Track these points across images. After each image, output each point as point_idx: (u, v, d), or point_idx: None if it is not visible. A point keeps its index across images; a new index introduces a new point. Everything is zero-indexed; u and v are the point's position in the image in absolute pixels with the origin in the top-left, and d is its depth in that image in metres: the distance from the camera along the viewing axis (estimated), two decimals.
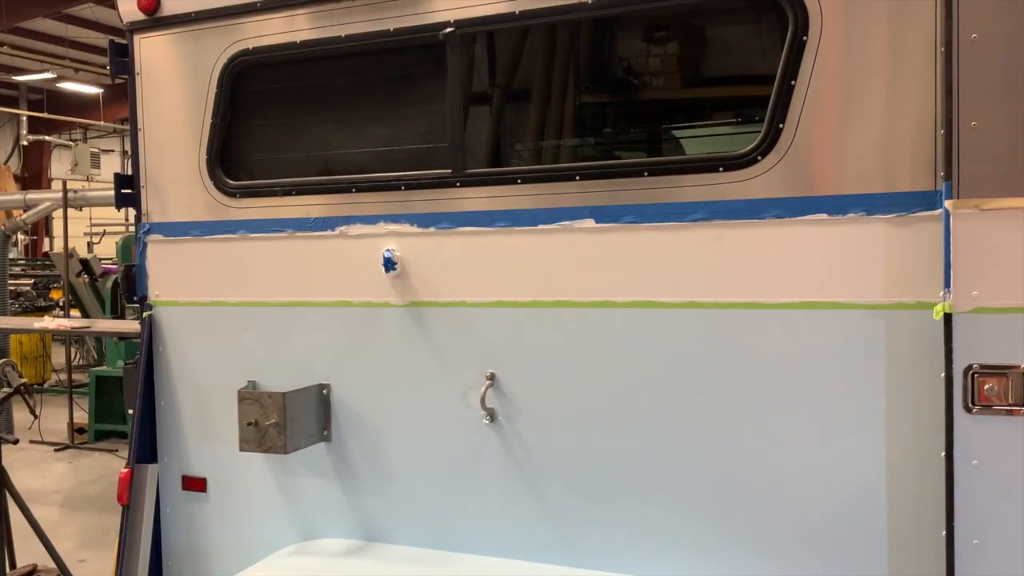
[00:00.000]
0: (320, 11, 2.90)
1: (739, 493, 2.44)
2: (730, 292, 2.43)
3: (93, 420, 9.32)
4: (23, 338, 11.79)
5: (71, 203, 11.71)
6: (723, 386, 2.45)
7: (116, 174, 3.40)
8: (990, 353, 2.10)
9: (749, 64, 3.03)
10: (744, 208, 2.40)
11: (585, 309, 2.60)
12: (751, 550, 2.43)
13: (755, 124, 2.52)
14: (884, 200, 2.25)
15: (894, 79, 2.24)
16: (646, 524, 2.55)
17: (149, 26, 3.22)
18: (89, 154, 17.00)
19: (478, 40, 2.91)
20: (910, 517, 2.25)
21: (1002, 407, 2.09)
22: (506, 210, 2.68)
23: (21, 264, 16.51)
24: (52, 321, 7.78)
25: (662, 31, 3.03)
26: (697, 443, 2.48)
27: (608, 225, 2.55)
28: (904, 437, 2.25)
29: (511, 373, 2.70)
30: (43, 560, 5.08)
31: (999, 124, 2.09)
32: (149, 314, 3.26)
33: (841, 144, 2.32)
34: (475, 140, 2.95)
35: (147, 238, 3.27)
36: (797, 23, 2.31)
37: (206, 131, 3.12)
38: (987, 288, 2.09)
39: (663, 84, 3.09)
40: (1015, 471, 2.09)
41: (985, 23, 2.09)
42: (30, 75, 20.26)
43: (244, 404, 2.88)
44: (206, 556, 3.23)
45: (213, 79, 3.09)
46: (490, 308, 2.71)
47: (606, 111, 3.35)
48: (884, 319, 2.27)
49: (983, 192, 2.10)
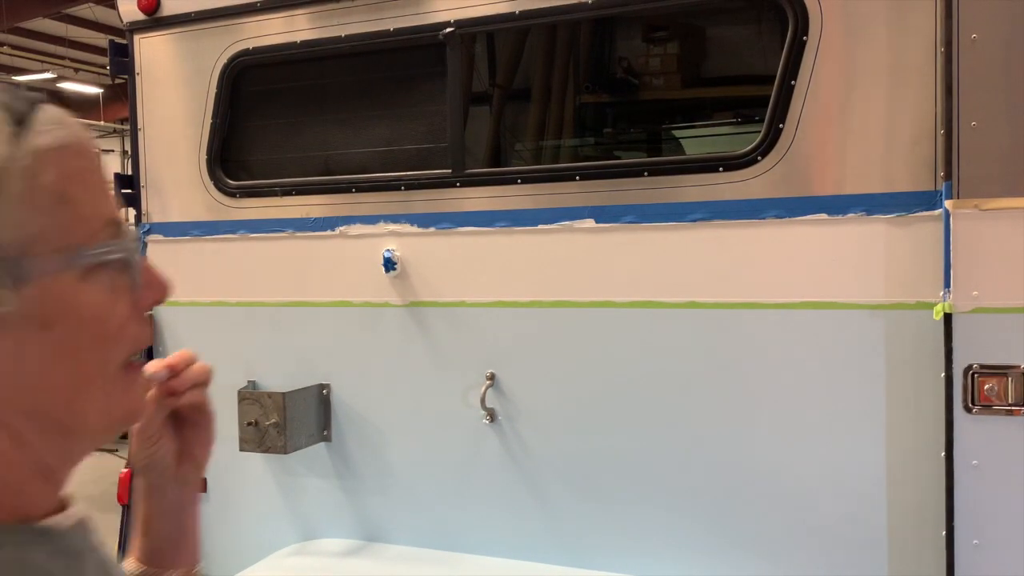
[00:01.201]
0: (320, 11, 2.90)
1: (739, 493, 2.44)
2: (730, 292, 2.43)
3: None
4: None
5: None
6: (723, 386, 2.45)
7: (116, 174, 3.40)
8: (990, 353, 2.10)
9: (749, 64, 3.04)
10: (744, 208, 2.40)
11: (585, 309, 2.60)
12: (751, 550, 2.43)
13: (755, 124, 2.52)
14: (884, 200, 2.25)
15: (894, 79, 2.24)
16: (646, 524, 2.55)
17: (149, 26, 3.22)
18: None
19: (478, 40, 2.92)
20: (910, 517, 2.25)
21: (1002, 407, 2.09)
22: (506, 210, 2.68)
23: None
24: None
25: (662, 31, 3.04)
26: (697, 443, 2.48)
27: (608, 225, 2.55)
28: (904, 437, 2.25)
29: (511, 373, 2.70)
30: None
31: (999, 124, 2.09)
32: (149, 314, 3.26)
33: (841, 144, 2.32)
34: (475, 140, 2.95)
35: (147, 238, 3.28)
36: (797, 23, 2.31)
37: (206, 131, 3.12)
38: (987, 288, 2.09)
39: (663, 84, 3.10)
40: (1015, 471, 2.09)
41: (985, 23, 2.09)
42: (30, 75, 20.27)
43: (244, 404, 2.88)
44: (206, 556, 3.22)
45: (213, 79, 3.09)
46: (490, 308, 2.71)
47: (606, 111, 3.36)
48: (884, 319, 2.27)
49: (983, 192, 2.10)
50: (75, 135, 0.71)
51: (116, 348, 0.73)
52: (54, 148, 0.69)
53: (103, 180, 0.73)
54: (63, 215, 0.69)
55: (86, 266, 0.69)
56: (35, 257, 0.66)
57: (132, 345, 0.75)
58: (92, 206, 0.71)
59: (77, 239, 0.69)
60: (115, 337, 0.73)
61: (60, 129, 0.70)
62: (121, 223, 0.74)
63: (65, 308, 0.69)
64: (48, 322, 0.68)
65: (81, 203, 0.70)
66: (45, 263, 0.67)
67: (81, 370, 0.71)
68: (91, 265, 0.70)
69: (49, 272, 0.67)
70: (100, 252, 0.70)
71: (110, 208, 0.73)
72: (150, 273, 0.77)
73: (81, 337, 0.70)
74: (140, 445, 0.95)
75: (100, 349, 0.72)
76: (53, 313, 0.68)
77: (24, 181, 0.66)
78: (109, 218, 0.72)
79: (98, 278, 0.71)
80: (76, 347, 0.70)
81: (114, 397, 0.73)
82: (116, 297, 0.72)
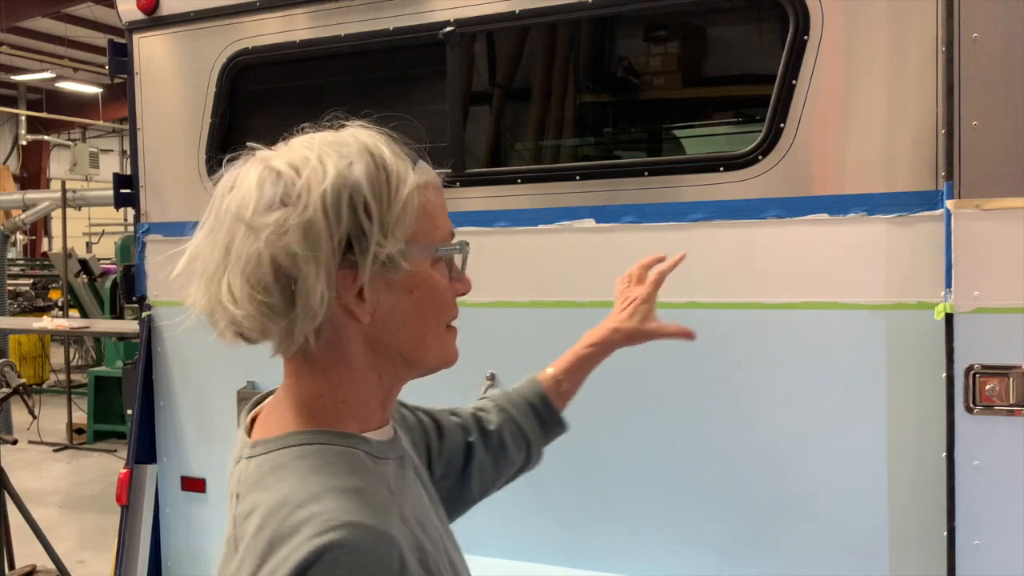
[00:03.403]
0: (319, 10, 2.89)
1: (739, 493, 2.44)
2: (730, 292, 2.42)
3: (92, 420, 9.31)
4: (22, 338, 11.78)
5: (70, 203, 11.71)
6: (723, 386, 2.45)
7: (115, 174, 3.39)
8: (991, 353, 2.10)
9: (750, 64, 3.03)
10: (745, 208, 2.39)
11: (585, 309, 2.59)
12: (751, 550, 2.43)
13: (756, 124, 2.51)
14: (885, 200, 2.25)
15: (895, 78, 2.23)
16: (645, 524, 2.54)
17: (148, 25, 3.22)
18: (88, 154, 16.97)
19: (478, 39, 2.91)
20: (911, 517, 2.25)
21: (1003, 407, 2.09)
22: (506, 210, 2.68)
23: (20, 264, 16.49)
24: (51, 321, 7.80)
25: (662, 30, 3.03)
26: (696, 443, 2.48)
27: (608, 225, 2.55)
28: (905, 437, 2.25)
29: (511, 373, 2.69)
30: (42, 561, 5.08)
31: (1000, 124, 2.08)
32: (148, 314, 3.26)
33: (842, 144, 2.31)
34: (475, 140, 2.95)
35: (146, 238, 3.27)
36: (798, 22, 2.30)
37: (205, 131, 3.12)
38: (988, 288, 2.09)
39: (663, 83, 3.09)
40: (1016, 471, 2.09)
41: (986, 23, 2.09)
42: (29, 75, 20.25)
43: (244, 404, 2.88)
44: (206, 557, 3.22)
45: (212, 78, 3.09)
46: (490, 308, 2.71)
47: (606, 111, 3.35)
48: (885, 319, 2.26)
49: (984, 192, 2.09)
50: (436, 176, 1.14)
51: (445, 313, 1.12)
52: (428, 182, 1.10)
53: (445, 206, 1.14)
54: (427, 223, 1.08)
55: (436, 257, 1.10)
56: (413, 246, 1.05)
57: (453, 313, 1.14)
58: (442, 220, 1.12)
59: (433, 240, 1.09)
60: (446, 305, 1.12)
61: (429, 173, 1.12)
62: (454, 234, 1.14)
63: (423, 281, 1.08)
64: (412, 289, 1.07)
65: (437, 217, 1.11)
66: (417, 251, 1.06)
67: (427, 324, 1.10)
68: (438, 257, 1.10)
69: (418, 257, 1.06)
70: (445, 250, 1.11)
71: (449, 224, 1.14)
72: (463, 273, 1.15)
73: (430, 302, 1.09)
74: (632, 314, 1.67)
75: (438, 311, 1.11)
76: (416, 283, 1.07)
77: (416, 199, 1.05)
78: (449, 230, 1.13)
79: (440, 267, 1.11)
80: (425, 307, 1.09)
81: (443, 344, 1.14)
82: (447, 281, 1.12)
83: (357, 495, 0.95)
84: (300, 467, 0.98)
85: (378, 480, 1.03)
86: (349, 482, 0.96)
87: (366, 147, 1.05)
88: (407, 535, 0.99)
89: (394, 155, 1.07)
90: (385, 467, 1.06)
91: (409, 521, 1.03)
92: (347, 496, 0.94)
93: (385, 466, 1.06)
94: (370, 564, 0.89)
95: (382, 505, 0.98)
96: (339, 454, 1.01)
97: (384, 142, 1.08)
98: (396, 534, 0.94)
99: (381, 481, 1.03)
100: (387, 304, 1.05)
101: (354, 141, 1.06)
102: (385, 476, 1.05)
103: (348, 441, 1.04)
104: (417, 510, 1.08)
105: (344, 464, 1.00)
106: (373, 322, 1.04)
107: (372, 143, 1.07)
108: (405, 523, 1.01)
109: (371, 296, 1.03)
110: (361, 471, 1.01)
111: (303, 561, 0.86)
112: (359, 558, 0.88)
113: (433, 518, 1.14)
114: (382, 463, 1.06)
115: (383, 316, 1.05)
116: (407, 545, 0.96)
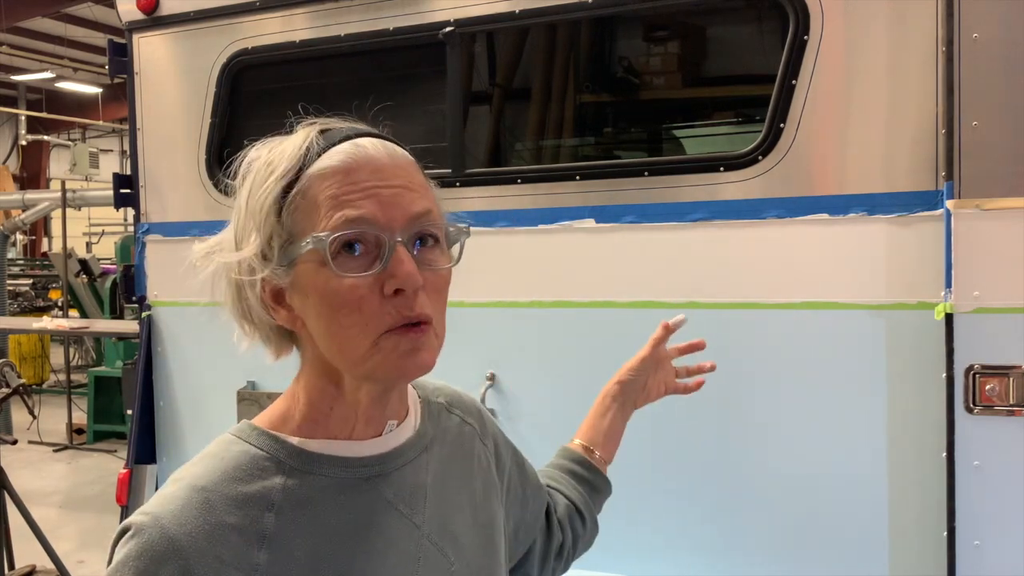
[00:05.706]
0: (319, 10, 2.89)
1: (739, 493, 2.43)
2: (730, 292, 2.42)
3: (92, 421, 9.31)
4: (22, 338, 11.77)
5: (70, 203, 11.70)
6: (723, 386, 2.44)
7: (115, 174, 3.39)
8: (991, 353, 2.10)
9: (750, 64, 3.03)
10: (745, 208, 2.39)
11: (585, 309, 2.59)
12: (750, 550, 2.43)
13: (756, 124, 2.51)
14: (885, 200, 2.25)
15: (895, 78, 2.23)
16: (645, 524, 2.54)
17: (148, 25, 3.21)
18: (88, 154, 16.97)
19: (478, 39, 2.91)
20: (911, 517, 2.25)
21: (1003, 408, 2.09)
22: (506, 210, 2.67)
23: (20, 264, 16.49)
24: (51, 321, 7.78)
25: (662, 30, 3.03)
26: (696, 443, 2.47)
27: (608, 225, 2.55)
28: (905, 437, 2.25)
29: (511, 373, 2.70)
30: (42, 561, 5.08)
31: (1001, 123, 2.08)
32: (148, 314, 3.26)
33: (842, 144, 2.31)
34: (475, 140, 2.95)
35: (146, 238, 3.27)
36: (798, 22, 2.30)
37: (205, 130, 3.12)
38: (988, 288, 2.09)
39: (663, 83, 3.09)
40: (1016, 472, 2.08)
41: (986, 22, 2.09)
42: (29, 75, 20.25)
43: (243, 404, 2.88)
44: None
45: (212, 78, 3.09)
46: (490, 308, 2.71)
47: (606, 111, 3.35)
48: (885, 319, 2.26)
49: (984, 192, 2.09)
50: (355, 158, 1.03)
51: (355, 316, 0.95)
52: (329, 168, 1.01)
53: (360, 189, 0.99)
54: (313, 216, 0.98)
55: (322, 253, 0.95)
56: (292, 246, 0.98)
57: (376, 317, 0.96)
58: (337, 210, 0.97)
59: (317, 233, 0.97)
60: (351, 306, 0.95)
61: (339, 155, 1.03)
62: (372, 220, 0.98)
63: (310, 283, 0.97)
64: (308, 292, 0.98)
65: (329, 208, 0.97)
66: (295, 250, 0.97)
67: (338, 331, 0.97)
68: (331, 252, 0.95)
69: (294, 256, 0.98)
70: (314, 241, 0.96)
71: (356, 211, 0.97)
72: (387, 262, 0.97)
73: (327, 305, 0.96)
74: (640, 367, 1.73)
75: (345, 316, 0.96)
76: (304, 286, 0.98)
77: (271, 197, 1.03)
78: (348, 218, 0.96)
79: (346, 262, 0.96)
80: (327, 313, 0.97)
81: (372, 354, 0.96)
82: (355, 279, 0.96)
83: (196, 495, 0.94)
84: (205, 454, 1.01)
85: (260, 492, 0.96)
86: (204, 482, 0.95)
87: (268, 149, 1.09)
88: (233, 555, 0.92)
89: (294, 150, 1.06)
90: (311, 480, 0.99)
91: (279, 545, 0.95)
92: (185, 492, 0.94)
93: (312, 479, 0.99)
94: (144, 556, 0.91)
95: (213, 513, 0.93)
96: (241, 455, 0.99)
97: (301, 136, 1.08)
98: (188, 545, 0.90)
99: (265, 493, 0.96)
100: (301, 310, 1.00)
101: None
102: (289, 489, 0.97)
103: (273, 447, 1.00)
104: (351, 541, 0.98)
105: (231, 466, 0.97)
106: (306, 329, 1.01)
107: (277, 145, 1.09)
108: (262, 546, 0.93)
109: (291, 302, 1.00)
110: (244, 479, 0.96)
111: (121, 529, 0.95)
112: (139, 547, 0.91)
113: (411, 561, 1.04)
114: (313, 477, 0.99)
115: (307, 323, 1.00)
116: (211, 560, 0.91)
